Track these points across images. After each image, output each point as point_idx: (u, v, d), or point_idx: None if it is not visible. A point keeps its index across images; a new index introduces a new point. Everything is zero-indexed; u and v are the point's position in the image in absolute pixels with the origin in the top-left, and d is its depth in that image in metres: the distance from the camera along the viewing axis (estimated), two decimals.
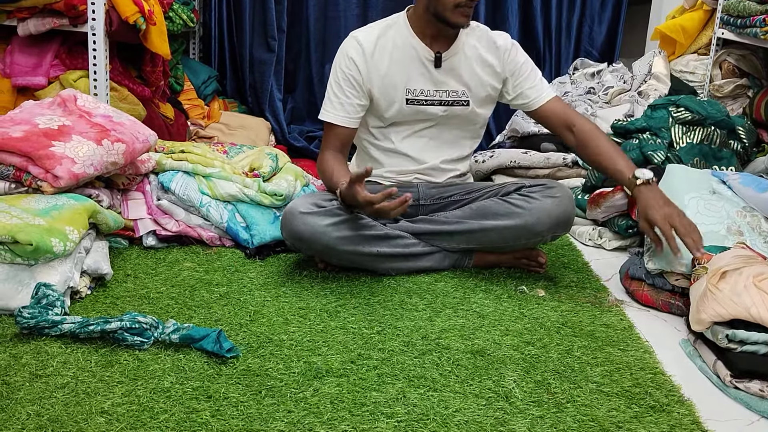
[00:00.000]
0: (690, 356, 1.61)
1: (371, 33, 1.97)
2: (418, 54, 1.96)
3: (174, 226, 2.08)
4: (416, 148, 2.05)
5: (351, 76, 1.94)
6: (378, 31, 1.97)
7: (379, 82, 1.95)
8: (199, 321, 1.61)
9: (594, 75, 3.34)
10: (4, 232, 1.56)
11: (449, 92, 1.99)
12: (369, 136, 2.06)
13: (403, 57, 1.95)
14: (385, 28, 1.98)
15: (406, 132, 2.03)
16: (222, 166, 2.19)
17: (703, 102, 2.45)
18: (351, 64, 1.94)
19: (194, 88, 3.19)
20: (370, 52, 1.94)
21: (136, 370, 1.37)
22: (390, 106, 1.97)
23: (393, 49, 1.95)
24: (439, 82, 1.98)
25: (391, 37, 1.96)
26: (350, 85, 1.94)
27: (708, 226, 1.90)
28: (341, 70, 1.95)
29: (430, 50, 1.95)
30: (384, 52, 1.95)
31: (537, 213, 1.89)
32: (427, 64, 1.96)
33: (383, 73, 1.95)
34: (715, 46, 2.98)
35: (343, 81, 1.95)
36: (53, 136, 1.86)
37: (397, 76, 1.95)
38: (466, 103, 2.01)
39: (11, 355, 1.40)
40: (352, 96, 1.95)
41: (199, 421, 1.23)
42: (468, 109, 2.02)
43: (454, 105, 2.00)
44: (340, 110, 1.96)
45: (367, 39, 1.95)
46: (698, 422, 1.33)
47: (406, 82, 1.96)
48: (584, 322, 1.73)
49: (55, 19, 2.28)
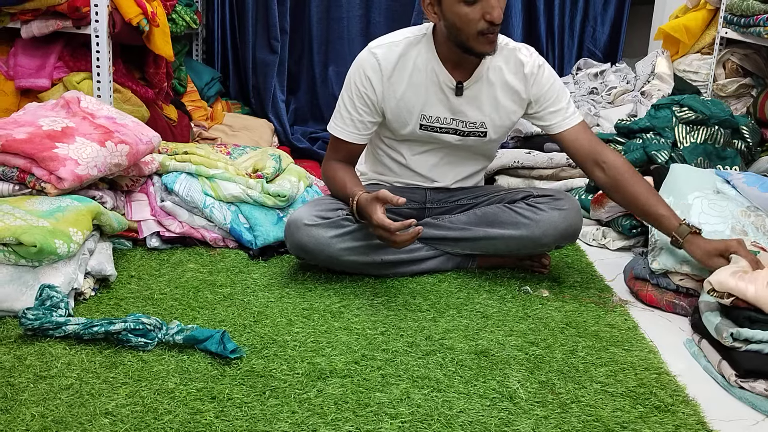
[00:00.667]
0: (695, 356, 1.60)
1: (393, 51, 1.82)
2: (439, 80, 1.83)
3: (178, 228, 2.09)
4: (427, 167, 1.98)
5: (365, 95, 1.83)
6: (400, 49, 1.82)
7: (394, 104, 1.84)
8: (203, 322, 1.61)
9: (597, 75, 3.34)
10: (8, 234, 1.56)
11: (467, 122, 1.88)
12: (381, 144, 1.99)
13: (422, 81, 1.83)
14: (408, 45, 1.83)
15: (418, 149, 1.95)
16: (225, 167, 2.19)
17: (706, 101, 2.44)
18: (367, 82, 1.83)
19: (197, 90, 3.20)
20: (389, 74, 1.82)
21: (140, 371, 1.37)
22: (403, 127, 1.89)
23: (413, 71, 1.82)
24: (458, 111, 1.86)
25: (412, 58, 1.82)
26: (363, 103, 1.84)
27: (712, 225, 1.90)
28: (356, 86, 1.84)
29: (452, 78, 1.82)
30: (403, 73, 1.82)
31: (543, 226, 1.87)
32: (447, 91, 1.84)
33: (399, 96, 1.84)
34: (719, 46, 2.97)
35: (357, 98, 1.84)
36: (57, 137, 1.87)
37: (414, 99, 1.84)
38: (483, 135, 1.90)
39: (15, 356, 1.40)
40: (364, 114, 1.85)
41: (203, 422, 1.22)
42: (484, 140, 1.92)
43: (470, 136, 1.90)
44: (350, 126, 1.87)
45: (386, 58, 1.82)
46: (703, 422, 1.32)
47: (423, 107, 1.85)
48: (588, 322, 1.72)
49: (58, 21, 2.29)
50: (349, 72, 1.87)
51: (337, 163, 1.91)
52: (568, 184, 2.68)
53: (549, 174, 2.75)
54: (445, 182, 2.01)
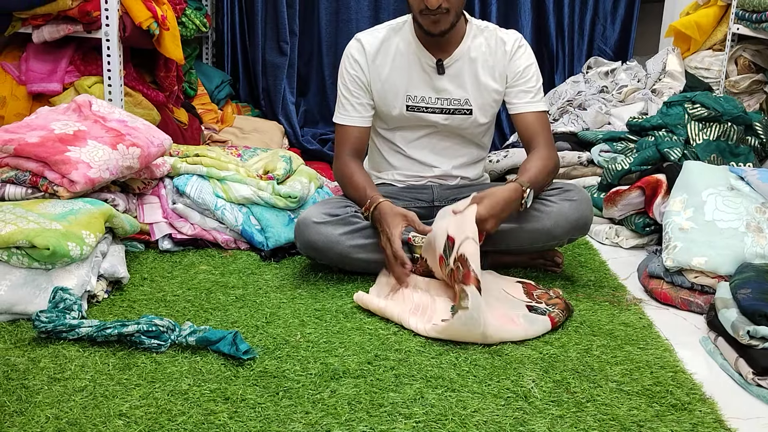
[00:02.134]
0: (711, 354, 1.59)
1: (376, 36, 1.95)
2: (420, 60, 1.93)
3: (189, 230, 2.09)
4: (424, 153, 2.03)
5: (356, 77, 1.94)
6: (383, 34, 1.95)
7: (380, 86, 1.94)
8: (216, 323, 1.61)
9: (608, 74, 3.32)
10: (22, 237, 1.57)
11: (451, 100, 1.95)
12: (378, 137, 2.06)
13: (405, 63, 1.93)
14: (391, 32, 1.96)
15: (411, 137, 2.02)
16: (236, 169, 2.20)
17: (719, 98, 2.43)
18: (355, 64, 1.94)
19: (208, 93, 3.21)
20: (372, 57, 1.93)
21: (153, 373, 1.38)
22: (390, 111, 1.96)
23: (396, 55, 1.94)
24: (441, 90, 1.94)
25: (395, 43, 1.94)
26: (357, 86, 1.94)
27: (727, 222, 1.88)
28: (347, 71, 1.96)
29: (432, 57, 1.92)
30: (386, 57, 1.94)
31: (554, 217, 1.87)
32: (429, 71, 1.93)
33: (384, 78, 1.94)
34: (731, 42, 2.95)
35: (350, 82, 1.95)
36: (69, 141, 1.87)
37: (398, 82, 1.94)
38: (468, 112, 1.97)
39: (30, 358, 1.41)
40: (360, 96, 1.95)
41: (217, 423, 1.22)
42: (470, 118, 1.97)
43: (455, 113, 1.97)
44: (351, 111, 1.95)
45: (369, 42, 1.94)
46: (721, 420, 1.31)
47: (407, 88, 1.94)
48: (603, 320, 1.71)
49: (69, 26, 2.30)
50: (340, 64, 1.98)
51: (348, 160, 1.94)
52: (580, 182, 2.67)
53: (560, 173, 2.74)
54: (444, 167, 2.04)
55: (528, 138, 1.95)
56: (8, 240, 1.57)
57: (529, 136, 1.95)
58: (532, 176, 1.82)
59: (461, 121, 1.98)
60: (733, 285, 1.64)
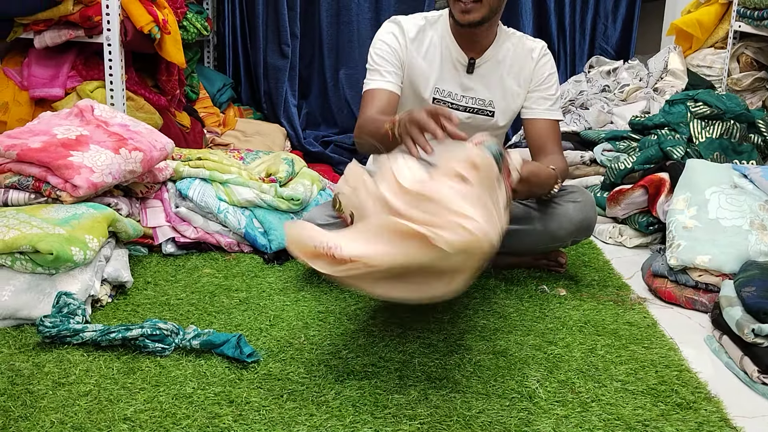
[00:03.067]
0: (715, 353, 1.58)
1: (414, 23, 1.92)
2: (452, 56, 1.91)
3: (192, 233, 2.09)
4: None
5: (395, 50, 1.88)
6: (421, 23, 1.92)
7: (411, 71, 1.91)
8: (220, 326, 1.61)
9: (610, 73, 3.32)
10: (25, 242, 1.57)
11: (476, 99, 1.94)
12: None
13: (437, 56, 1.91)
14: (426, 23, 1.93)
15: None
16: (239, 172, 2.20)
17: (721, 96, 2.42)
18: (394, 40, 1.89)
19: (209, 96, 3.21)
20: (411, 40, 1.90)
21: (158, 377, 1.38)
22: (417, 95, 1.92)
23: (429, 46, 1.91)
24: (468, 88, 1.93)
25: (429, 35, 1.92)
26: (393, 57, 1.88)
27: (730, 220, 1.88)
28: (384, 43, 1.89)
29: (464, 54, 1.90)
30: (421, 46, 1.91)
31: (558, 218, 1.86)
32: (459, 68, 1.92)
33: (416, 65, 1.91)
34: (732, 40, 2.95)
35: (386, 53, 1.88)
36: (71, 146, 1.88)
37: (429, 72, 1.91)
38: (491, 114, 1.95)
39: (34, 363, 1.41)
40: (394, 65, 1.88)
41: (221, 426, 1.22)
42: (491, 120, 1.96)
43: (479, 114, 1.95)
44: (384, 75, 1.87)
45: (408, 27, 1.91)
46: (726, 419, 1.31)
47: (437, 80, 1.92)
48: (607, 320, 1.71)
49: (70, 31, 2.30)
50: (375, 37, 1.93)
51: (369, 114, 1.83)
52: (583, 182, 2.66)
53: None
54: None
55: (540, 144, 1.93)
56: (12, 245, 1.57)
57: (541, 142, 1.93)
58: (560, 172, 1.81)
59: (483, 121, 1.96)
60: (738, 283, 1.63)
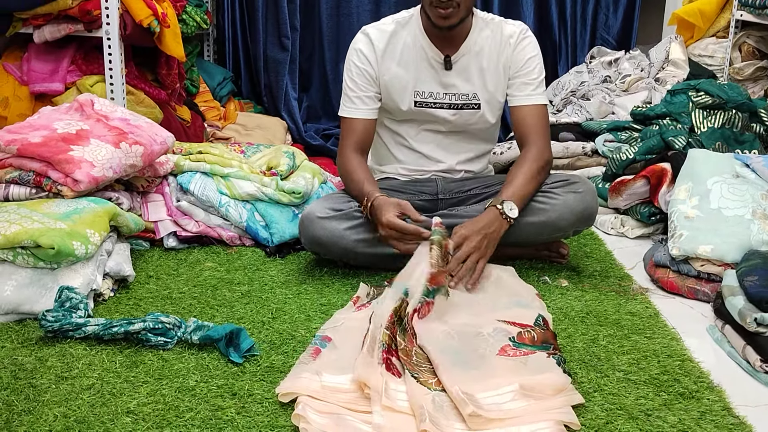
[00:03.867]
0: (718, 342, 1.58)
1: (383, 30, 1.93)
2: (428, 56, 1.91)
3: (194, 227, 2.09)
4: (430, 148, 2.02)
5: (364, 70, 1.92)
6: (391, 28, 1.93)
7: (388, 80, 1.92)
8: (222, 320, 1.61)
9: (611, 63, 3.31)
10: (26, 237, 1.57)
11: (459, 95, 1.94)
12: (383, 129, 2.04)
13: (413, 58, 1.92)
14: (398, 26, 1.93)
15: (418, 130, 2.00)
16: (240, 165, 2.19)
17: (723, 85, 2.41)
18: (363, 57, 1.92)
19: (210, 90, 3.21)
20: (381, 52, 1.91)
21: (160, 370, 1.38)
22: (398, 105, 1.95)
23: (403, 50, 1.92)
24: (449, 85, 1.93)
25: (402, 37, 1.92)
26: (365, 79, 1.92)
27: (732, 210, 1.87)
28: (354, 64, 1.93)
29: (439, 52, 1.90)
30: (394, 52, 1.92)
31: (559, 209, 1.86)
32: (437, 66, 1.92)
33: (392, 73, 1.92)
34: (734, 29, 2.93)
35: (358, 75, 1.92)
36: (72, 140, 1.87)
37: (406, 77, 1.92)
38: (476, 107, 1.95)
39: (37, 357, 1.41)
40: (367, 87, 1.92)
41: (224, 419, 1.22)
42: (478, 113, 1.96)
43: (464, 108, 1.95)
44: (358, 104, 1.93)
45: (377, 36, 1.92)
46: (729, 408, 1.30)
47: (415, 83, 1.93)
48: (609, 310, 1.71)
49: (70, 25, 2.30)
50: (346, 57, 1.97)
51: (352, 154, 1.92)
52: (585, 173, 2.66)
53: (564, 163, 2.73)
54: (449, 162, 2.03)
55: (522, 133, 1.93)
56: (13, 240, 1.57)
57: (523, 131, 1.92)
58: (516, 188, 1.81)
59: (469, 116, 1.96)
60: (740, 272, 1.63)
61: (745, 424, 1.26)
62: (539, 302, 1.67)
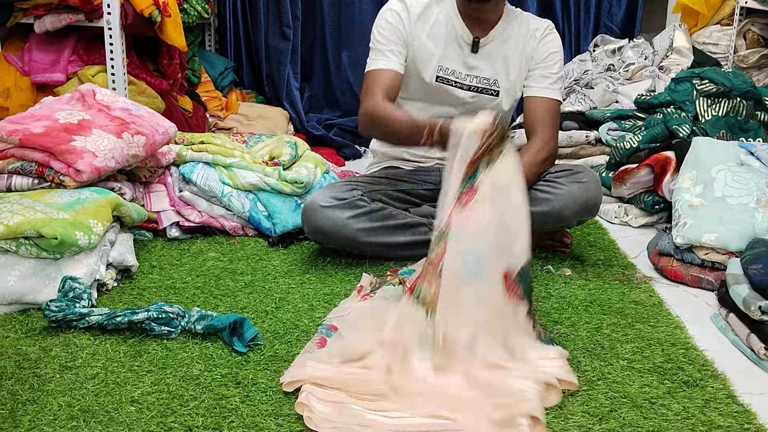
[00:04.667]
0: (722, 330, 1.58)
1: (420, 1, 1.91)
2: (457, 34, 1.91)
3: (197, 217, 2.09)
4: None
5: (397, 28, 1.89)
6: (426, 1, 1.92)
7: (417, 47, 1.91)
8: (225, 309, 1.61)
9: (615, 51, 3.29)
10: (29, 227, 1.57)
11: (481, 78, 1.94)
12: None
13: (442, 34, 1.91)
14: (432, 1, 1.92)
15: (429, 112, 1.94)
16: (242, 155, 2.19)
17: (727, 73, 2.40)
18: (397, 17, 1.90)
19: (211, 80, 3.20)
20: (415, 17, 1.90)
21: (164, 359, 1.38)
22: (419, 76, 1.92)
23: (434, 24, 1.91)
24: (472, 67, 1.93)
25: (435, 13, 1.92)
26: (395, 36, 1.88)
27: (737, 198, 1.87)
28: (387, 20, 1.90)
29: (470, 33, 1.91)
30: (426, 23, 1.91)
31: (563, 199, 1.85)
32: (464, 46, 1.92)
33: (421, 43, 1.90)
34: (739, 16, 2.91)
35: (389, 32, 1.89)
36: (73, 130, 1.87)
37: (433, 50, 1.91)
38: (495, 93, 1.95)
39: (41, 347, 1.41)
40: (398, 44, 1.88)
41: (228, 407, 1.23)
42: (496, 100, 1.95)
43: (483, 93, 1.95)
44: (389, 55, 1.87)
45: (413, 4, 1.91)
46: (733, 396, 1.30)
47: (440, 59, 1.92)
48: (613, 299, 1.71)
49: (70, 15, 2.29)
50: (378, 15, 1.94)
51: (388, 102, 1.81)
52: (588, 162, 2.65)
53: (568, 152, 2.72)
54: None
55: (531, 123, 1.92)
56: (16, 230, 1.57)
57: (532, 121, 1.92)
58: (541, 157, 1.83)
59: (487, 101, 1.96)
60: (744, 261, 1.63)
61: (749, 411, 1.26)
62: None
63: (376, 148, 2.11)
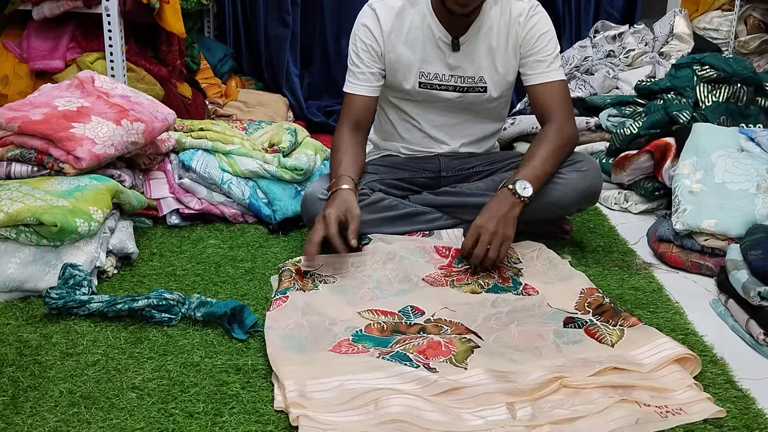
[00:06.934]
0: (721, 316, 1.58)
1: (391, 7, 1.87)
2: (435, 36, 1.86)
3: (197, 204, 2.09)
4: (434, 125, 1.98)
5: (369, 46, 1.87)
6: (399, 5, 1.87)
7: (393, 58, 1.88)
8: (225, 296, 1.61)
9: (615, 37, 3.27)
10: (29, 214, 1.57)
11: (465, 78, 1.89)
12: (388, 106, 2.01)
13: (419, 38, 1.87)
14: (406, 3, 1.87)
15: (423, 108, 1.96)
16: (241, 142, 2.18)
17: (728, 59, 2.39)
18: (369, 33, 1.87)
19: (210, 67, 3.19)
20: (388, 29, 1.86)
21: (165, 346, 1.38)
22: (402, 84, 1.91)
23: (410, 29, 1.87)
24: (455, 67, 1.88)
25: (410, 16, 1.87)
26: (369, 55, 1.88)
27: (737, 184, 1.86)
28: (359, 39, 1.89)
29: (447, 33, 1.85)
30: (401, 31, 1.87)
31: (563, 188, 1.84)
32: (444, 47, 1.87)
33: (397, 52, 1.88)
34: (739, 1, 2.90)
35: (362, 51, 1.88)
36: (73, 117, 1.87)
37: (412, 57, 1.88)
38: (482, 90, 1.91)
39: (42, 335, 1.42)
40: (371, 64, 1.88)
41: (229, 393, 1.23)
42: (484, 96, 1.92)
43: (470, 92, 1.91)
44: (361, 79, 1.89)
45: (384, 12, 1.87)
46: (732, 381, 1.31)
47: (420, 64, 1.88)
48: (612, 285, 1.71)
49: (69, 2, 2.28)
50: (352, 32, 1.93)
51: (346, 132, 1.89)
52: (588, 148, 2.64)
53: None
54: (453, 144, 2.00)
55: (541, 112, 1.88)
56: (16, 217, 1.57)
57: (541, 109, 1.87)
58: (532, 167, 1.76)
59: (475, 98, 1.93)
60: (744, 246, 1.63)
61: (748, 397, 1.27)
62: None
63: (374, 138, 2.11)
